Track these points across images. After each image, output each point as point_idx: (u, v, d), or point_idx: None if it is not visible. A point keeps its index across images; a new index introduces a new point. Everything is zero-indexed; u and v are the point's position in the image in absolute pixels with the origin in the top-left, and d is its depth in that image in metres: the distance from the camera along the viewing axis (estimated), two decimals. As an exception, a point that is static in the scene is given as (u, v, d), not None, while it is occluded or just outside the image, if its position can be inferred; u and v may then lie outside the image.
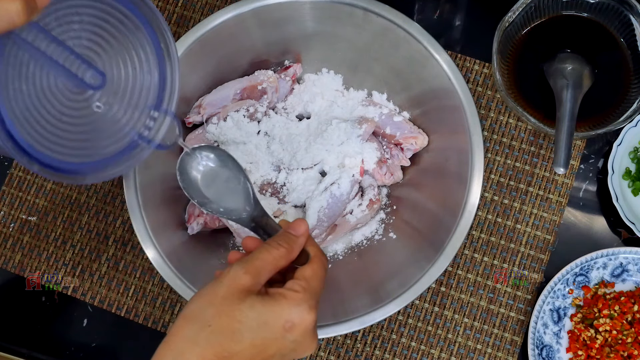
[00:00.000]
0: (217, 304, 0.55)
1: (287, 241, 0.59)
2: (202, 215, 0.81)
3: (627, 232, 0.85)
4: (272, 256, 0.57)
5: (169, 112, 0.62)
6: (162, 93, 0.62)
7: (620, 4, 0.80)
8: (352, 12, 0.79)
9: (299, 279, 0.57)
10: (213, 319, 0.54)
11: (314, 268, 0.59)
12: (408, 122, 0.83)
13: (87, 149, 0.59)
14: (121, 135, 0.60)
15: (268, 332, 0.54)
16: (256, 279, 0.56)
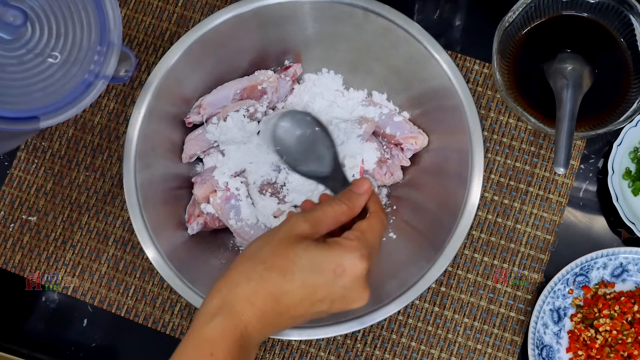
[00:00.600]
0: (274, 244, 0.58)
1: (349, 198, 0.61)
2: (202, 215, 0.81)
3: (627, 232, 0.85)
4: (333, 210, 0.60)
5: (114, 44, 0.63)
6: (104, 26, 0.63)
7: (620, 4, 0.80)
8: (352, 12, 0.79)
9: (355, 230, 0.59)
10: (268, 257, 0.57)
11: (370, 222, 0.61)
12: (408, 122, 0.83)
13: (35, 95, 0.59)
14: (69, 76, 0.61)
15: (319, 275, 0.56)
16: (315, 228, 0.58)
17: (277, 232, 0.59)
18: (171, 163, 0.83)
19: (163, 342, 0.86)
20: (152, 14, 0.93)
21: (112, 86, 0.92)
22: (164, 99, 0.80)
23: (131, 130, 0.78)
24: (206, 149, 0.83)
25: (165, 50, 0.91)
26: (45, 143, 0.91)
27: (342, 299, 0.58)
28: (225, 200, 0.80)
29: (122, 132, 0.90)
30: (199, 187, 0.82)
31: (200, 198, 0.82)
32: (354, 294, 0.58)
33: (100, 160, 0.90)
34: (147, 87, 0.78)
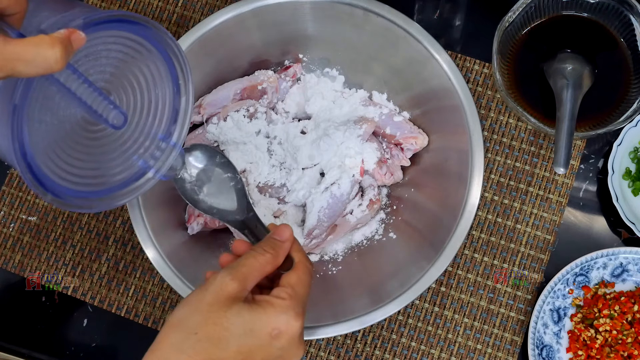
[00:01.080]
0: (204, 311, 0.54)
1: (272, 247, 0.59)
2: (202, 215, 0.81)
3: (627, 232, 0.85)
4: (258, 262, 0.57)
5: (177, 145, 0.63)
6: (173, 126, 0.63)
7: (620, 4, 0.80)
8: (352, 12, 0.79)
9: (284, 286, 0.57)
10: (199, 326, 0.54)
11: (298, 274, 0.59)
12: (408, 122, 0.83)
13: (97, 178, 0.59)
14: (129, 164, 0.61)
15: (254, 340, 0.54)
16: (243, 285, 0.56)
17: (204, 295, 0.55)
18: (171, 163, 0.83)
19: (163, 342, 0.86)
20: (152, 14, 0.93)
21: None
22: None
23: (131, 130, 0.78)
24: (206, 149, 0.83)
25: (165, 50, 0.91)
26: (45, 143, 0.91)
27: (279, 358, 0.56)
28: (225, 200, 0.80)
29: (122, 132, 0.90)
30: (199, 187, 0.81)
31: (200, 198, 0.81)
32: (290, 353, 0.56)
33: (100, 160, 0.90)
34: (147, 87, 0.78)
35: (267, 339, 0.55)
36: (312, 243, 0.81)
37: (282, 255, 0.59)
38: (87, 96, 0.54)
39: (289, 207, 0.83)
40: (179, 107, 0.63)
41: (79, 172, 0.57)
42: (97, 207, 0.59)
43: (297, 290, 0.57)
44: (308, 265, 0.60)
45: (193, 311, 0.55)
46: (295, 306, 0.56)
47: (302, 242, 0.81)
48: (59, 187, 0.55)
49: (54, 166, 0.55)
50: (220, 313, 0.54)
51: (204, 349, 0.53)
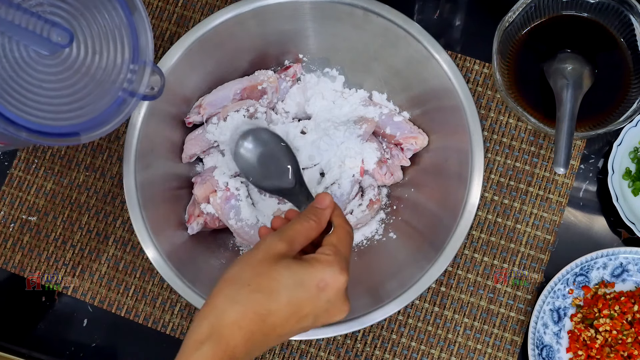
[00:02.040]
0: (255, 265, 0.58)
1: (315, 214, 0.63)
2: (202, 215, 0.81)
3: (627, 232, 0.85)
4: (303, 227, 0.62)
5: (147, 62, 0.64)
6: (137, 45, 0.64)
7: (620, 4, 0.80)
8: (352, 12, 0.79)
9: (327, 245, 0.61)
10: (252, 279, 0.57)
11: (339, 235, 0.63)
12: (408, 122, 0.83)
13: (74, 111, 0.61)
14: (105, 92, 0.63)
15: (303, 291, 0.58)
16: (291, 245, 0.60)
17: (256, 254, 0.59)
18: (171, 163, 0.83)
19: (163, 342, 0.86)
20: (152, 14, 0.93)
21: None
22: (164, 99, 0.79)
23: (131, 130, 0.78)
24: (206, 149, 0.83)
25: (165, 50, 0.91)
26: (45, 143, 0.91)
27: (325, 313, 0.59)
28: (225, 200, 0.80)
29: (122, 132, 0.90)
30: (199, 187, 0.82)
31: (200, 198, 0.82)
32: (336, 307, 0.60)
33: (100, 160, 0.90)
34: (147, 87, 0.78)
35: (315, 291, 0.58)
36: (312, 243, 0.81)
37: (324, 222, 0.64)
38: (22, 21, 0.56)
39: (289, 207, 0.83)
40: (136, 25, 0.64)
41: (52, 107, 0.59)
42: (85, 138, 0.61)
43: (339, 248, 0.61)
44: (347, 228, 0.64)
45: (245, 267, 0.59)
46: (340, 261, 0.60)
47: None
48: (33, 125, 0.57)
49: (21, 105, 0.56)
50: (272, 267, 0.58)
51: (256, 299, 0.57)
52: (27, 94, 0.57)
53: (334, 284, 0.59)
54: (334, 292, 0.59)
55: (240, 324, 0.56)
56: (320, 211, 0.64)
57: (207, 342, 0.56)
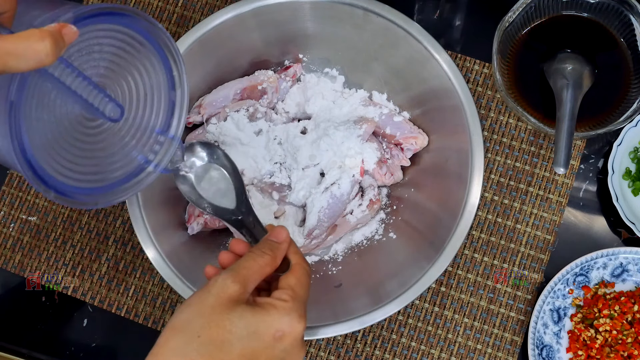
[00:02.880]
0: (206, 313, 0.54)
1: (270, 248, 0.59)
2: (202, 215, 0.81)
3: (627, 232, 0.85)
4: (257, 264, 0.57)
5: (175, 138, 0.63)
6: (171, 119, 0.63)
7: (620, 4, 0.80)
8: (352, 12, 0.79)
9: (285, 288, 0.57)
10: (202, 329, 0.53)
11: (297, 276, 0.58)
12: (408, 122, 0.83)
13: (98, 174, 0.59)
14: (129, 159, 0.61)
15: (258, 342, 0.54)
16: (244, 287, 0.55)
17: (206, 298, 0.54)
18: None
19: (163, 342, 0.86)
20: (152, 14, 0.93)
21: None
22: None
23: (131, 130, 0.78)
24: (206, 149, 0.83)
25: (165, 50, 0.91)
26: (45, 143, 0.91)
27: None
28: (225, 200, 0.80)
29: (122, 132, 0.90)
30: (199, 187, 0.81)
31: (200, 198, 0.81)
32: (292, 355, 0.56)
33: (100, 160, 0.90)
34: (147, 87, 0.78)
35: (271, 341, 0.54)
36: (312, 243, 0.81)
37: (280, 257, 0.59)
38: (83, 90, 0.54)
39: (289, 207, 0.83)
40: (174, 99, 0.63)
41: (80, 168, 0.57)
42: (102, 203, 0.59)
43: (297, 292, 0.57)
44: (306, 267, 0.60)
45: (195, 314, 0.54)
46: (298, 308, 0.56)
47: (302, 242, 0.81)
48: (61, 185, 0.55)
49: (55, 163, 0.55)
50: (224, 315, 0.54)
51: (207, 352, 0.53)
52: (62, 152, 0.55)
53: (292, 333, 0.55)
54: (291, 341, 0.55)
55: None
56: (277, 245, 0.59)
57: None
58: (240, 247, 0.62)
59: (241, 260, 0.57)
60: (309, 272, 0.60)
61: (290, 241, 0.61)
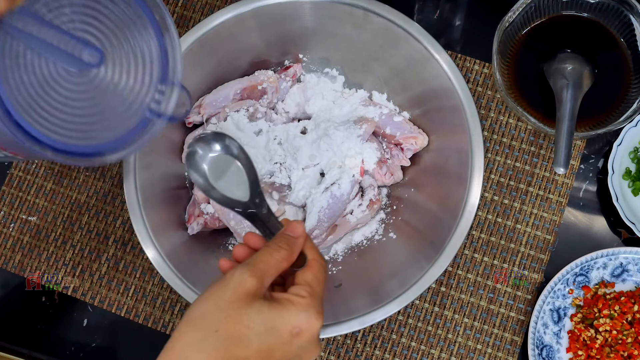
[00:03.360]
0: (224, 308, 0.53)
1: (287, 243, 0.58)
2: (202, 215, 0.81)
3: (627, 232, 0.85)
4: (274, 259, 0.56)
5: (175, 83, 0.62)
6: (166, 65, 0.62)
7: (620, 4, 0.80)
8: (352, 12, 0.79)
9: (302, 284, 0.56)
10: (220, 324, 0.53)
11: (314, 272, 0.58)
12: (408, 122, 0.83)
13: (100, 131, 0.59)
14: (132, 112, 0.60)
15: (275, 338, 0.53)
16: (261, 282, 0.55)
17: (224, 292, 0.54)
18: (171, 163, 0.83)
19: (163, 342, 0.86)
20: (152, 14, 0.93)
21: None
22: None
23: (131, 130, 0.78)
24: (206, 149, 0.83)
25: (165, 50, 0.91)
26: (45, 143, 0.91)
27: (297, 357, 0.55)
28: (225, 200, 0.80)
29: (122, 132, 0.90)
30: (199, 187, 0.81)
31: (200, 198, 0.82)
32: (309, 352, 0.55)
33: (100, 160, 0.90)
34: (147, 87, 0.78)
35: (288, 337, 0.54)
36: (312, 243, 0.81)
37: (296, 252, 0.58)
38: (52, 37, 0.54)
39: (289, 207, 0.83)
40: (165, 45, 0.62)
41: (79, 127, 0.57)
42: (109, 158, 0.59)
43: (314, 288, 0.56)
44: (322, 263, 0.59)
45: (212, 308, 0.54)
46: (316, 304, 0.55)
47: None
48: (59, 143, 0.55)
49: (47, 123, 0.55)
50: (241, 310, 0.53)
51: (224, 347, 0.52)
52: (54, 112, 0.55)
53: (309, 329, 0.54)
54: (308, 337, 0.54)
55: None
56: (293, 240, 0.58)
57: None
58: (254, 240, 0.61)
59: (257, 255, 0.57)
60: (325, 268, 0.59)
61: (307, 236, 0.60)
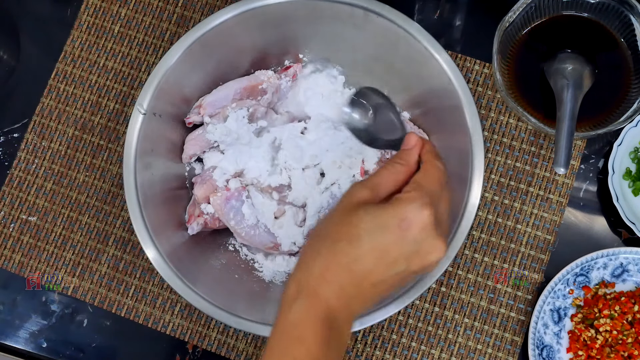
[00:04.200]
0: (336, 215, 0.57)
1: (401, 157, 0.60)
2: (202, 215, 0.81)
3: (627, 232, 0.85)
4: (389, 171, 0.59)
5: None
6: None
7: (620, 4, 0.80)
8: (352, 12, 0.79)
9: (411, 182, 0.58)
10: (332, 229, 0.56)
11: (425, 171, 0.59)
12: (408, 122, 0.83)
13: None
14: None
15: (387, 234, 0.55)
16: (374, 192, 0.57)
17: (339, 204, 0.57)
18: (171, 163, 0.83)
19: (163, 342, 0.86)
20: (152, 14, 0.93)
21: (112, 86, 0.92)
22: (164, 99, 0.80)
23: (131, 130, 0.78)
24: (206, 149, 0.83)
25: (165, 50, 0.91)
26: (45, 143, 0.91)
27: (416, 254, 0.55)
28: (225, 201, 0.80)
29: (122, 132, 0.90)
30: (199, 187, 0.81)
31: (200, 198, 0.81)
32: (426, 246, 0.55)
33: (100, 160, 0.90)
34: (147, 87, 0.78)
35: (398, 232, 0.55)
36: (312, 243, 0.81)
37: (413, 162, 0.60)
38: None
39: (289, 207, 0.83)
40: None
41: None
42: None
43: (422, 183, 0.57)
44: (436, 162, 0.60)
45: (328, 219, 0.57)
46: (422, 196, 0.56)
47: (302, 242, 0.81)
48: None
49: None
50: (352, 214, 0.55)
51: (338, 248, 0.55)
52: None
53: (417, 221, 0.54)
54: (419, 229, 0.54)
55: (326, 276, 0.55)
56: (407, 152, 0.60)
57: (298, 298, 0.55)
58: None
59: (375, 171, 0.60)
60: (439, 167, 0.60)
61: (424, 143, 0.61)
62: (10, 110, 0.92)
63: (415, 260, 0.56)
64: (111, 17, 0.93)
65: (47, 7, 0.95)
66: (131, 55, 0.92)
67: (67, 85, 0.92)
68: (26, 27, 0.95)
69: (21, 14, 0.95)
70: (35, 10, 0.95)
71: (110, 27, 0.93)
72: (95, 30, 0.93)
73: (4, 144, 0.92)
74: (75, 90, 0.92)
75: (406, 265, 0.56)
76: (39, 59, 0.94)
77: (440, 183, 0.59)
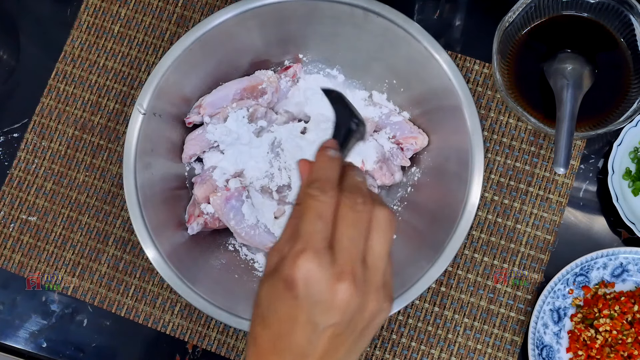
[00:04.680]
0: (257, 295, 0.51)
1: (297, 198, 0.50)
2: (202, 215, 0.81)
3: (627, 232, 0.85)
4: (288, 224, 0.50)
5: None
6: None
7: (620, 4, 0.80)
8: (352, 12, 0.79)
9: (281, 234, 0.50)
10: (254, 311, 0.50)
11: (296, 212, 0.50)
12: (408, 122, 0.83)
13: None
14: None
15: (279, 304, 0.47)
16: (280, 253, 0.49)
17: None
18: (171, 163, 0.83)
19: (163, 342, 0.86)
20: (152, 14, 0.93)
21: (112, 86, 0.92)
22: (164, 98, 0.80)
23: (131, 130, 0.78)
24: (206, 149, 0.83)
25: (165, 50, 0.91)
26: (45, 143, 0.91)
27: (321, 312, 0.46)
28: (225, 201, 0.80)
29: (122, 132, 0.91)
30: (199, 187, 0.82)
31: (200, 198, 0.82)
32: (324, 297, 0.46)
33: (100, 160, 0.90)
34: (147, 87, 0.78)
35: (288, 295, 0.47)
36: (312, 243, 0.81)
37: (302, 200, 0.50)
38: None
39: (289, 207, 0.83)
40: None
41: None
42: None
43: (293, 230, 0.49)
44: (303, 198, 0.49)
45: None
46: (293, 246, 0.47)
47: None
48: None
49: None
50: (259, 290, 0.49)
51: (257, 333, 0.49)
52: None
53: (298, 277, 0.46)
54: (303, 285, 0.46)
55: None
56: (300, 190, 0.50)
57: None
58: None
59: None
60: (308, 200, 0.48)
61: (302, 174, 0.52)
62: (10, 110, 0.92)
63: (326, 318, 0.46)
64: (111, 17, 0.93)
65: (47, 7, 0.95)
66: (131, 55, 0.92)
67: (67, 85, 0.92)
68: (26, 27, 0.95)
69: (21, 14, 0.95)
70: (35, 10, 0.95)
71: (110, 27, 0.93)
72: (95, 30, 0.93)
73: (4, 144, 0.92)
74: (75, 90, 0.92)
75: (326, 325, 0.46)
76: (39, 58, 0.94)
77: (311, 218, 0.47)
